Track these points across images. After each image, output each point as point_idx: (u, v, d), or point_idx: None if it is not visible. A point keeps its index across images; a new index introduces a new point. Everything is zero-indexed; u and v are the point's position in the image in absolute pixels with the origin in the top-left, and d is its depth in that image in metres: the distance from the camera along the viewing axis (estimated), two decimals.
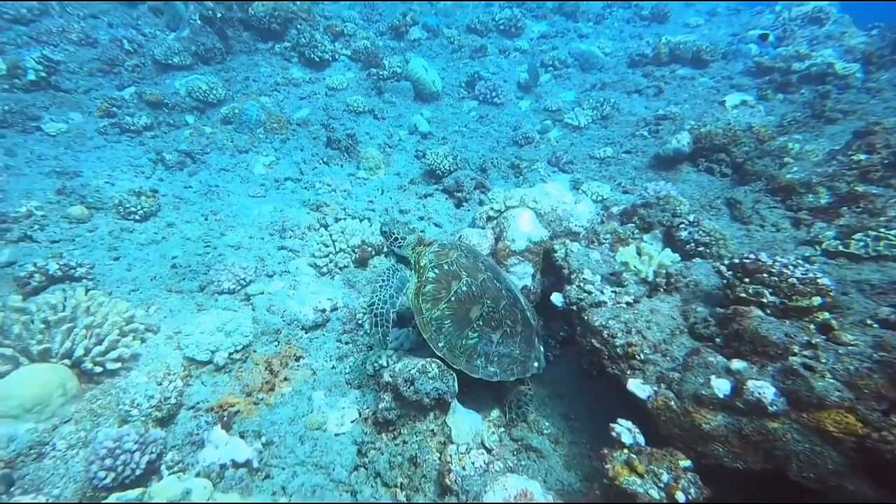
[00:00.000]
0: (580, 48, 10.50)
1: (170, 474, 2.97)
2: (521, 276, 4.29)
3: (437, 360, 3.36)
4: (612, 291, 3.53)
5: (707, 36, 10.74)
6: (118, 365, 3.46)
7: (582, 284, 3.62)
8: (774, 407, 2.30)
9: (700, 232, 4.37)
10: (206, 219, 5.73)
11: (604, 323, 3.16)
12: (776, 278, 2.74)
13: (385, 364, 3.84)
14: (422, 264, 3.55)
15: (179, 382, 3.46)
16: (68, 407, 3.23)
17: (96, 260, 4.74)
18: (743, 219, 4.85)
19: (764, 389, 2.33)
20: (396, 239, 3.70)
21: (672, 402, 2.63)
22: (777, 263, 2.78)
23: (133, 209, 5.43)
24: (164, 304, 4.38)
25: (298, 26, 9.30)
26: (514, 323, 3.37)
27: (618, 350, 3.02)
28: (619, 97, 8.75)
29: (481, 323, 3.30)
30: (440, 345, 3.29)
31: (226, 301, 4.51)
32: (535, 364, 3.41)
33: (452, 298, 3.34)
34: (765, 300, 2.75)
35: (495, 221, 4.59)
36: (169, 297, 4.48)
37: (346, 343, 4.25)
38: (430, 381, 3.20)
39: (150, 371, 3.43)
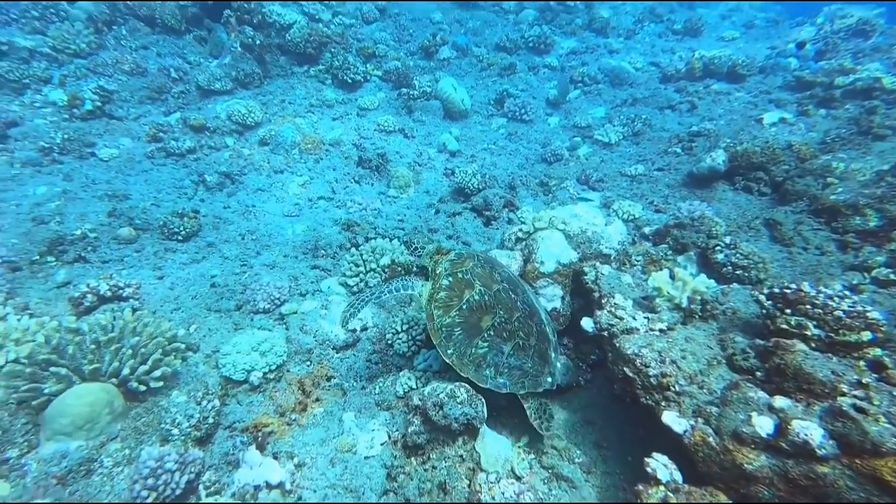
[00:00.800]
0: (610, 63, 10.43)
1: (207, 495, 3.07)
2: (551, 298, 4.25)
3: (466, 385, 3.35)
4: (645, 317, 3.45)
5: (743, 49, 10.48)
6: (161, 383, 3.61)
7: (613, 310, 3.55)
8: (823, 451, 2.18)
9: (738, 255, 4.24)
10: (243, 238, 5.95)
11: (636, 351, 3.07)
12: (820, 310, 2.62)
13: (414, 386, 3.88)
14: (437, 272, 3.62)
15: (217, 402, 3.58)
16: (115, 425, 3.39)
17: (142, 279, 4.99)
18: (784, 240, 4.67)
19: (811, 431, 2.22)
20: (416, 248, 3.91)
21: (710, 439, 2.53)
22: (821, 295, 2.66)
23: (176, 230, 5.70)
24: (204, 322, 4.56)
25: (332, 49, 9.62)
26: (528, 336, 3.34)
27: (651, 380, 2.94)
28: (651, 113, 8.62)
29: (492, 333, 3.30)
30: (449, 352, 3.31)
31: (261, 320, 4.65)
32: (549, 379, 3.36)
33: (464, 306, 3.38)
34: (809, 333, 2.63)
35: (524, 243, 4.58)
36: (208, 315, 4.66)
37: (377, 363, 4.30)
38: (459, 406, 3.19)
39: (190, 391, 3.56)
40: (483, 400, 3.31)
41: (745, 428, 2.42)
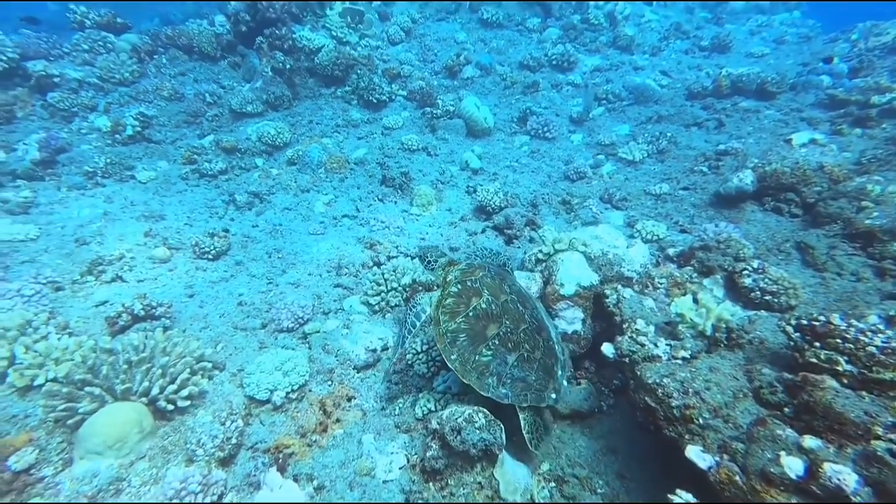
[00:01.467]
0: (635, 81, 10.36)
1: None
2: (571, 321, 4.22)
3: (485, 410, 3.34)
4: (667, 344, 3.39)
5: (773, 66, 10.25)
6: (188, 402, 3.73)
7: (634, 336, 3.50)
8: (858, 498, 2.08)
9: (766, 279, 4.11)
10: (270, 256, 6.12)
11: (658, 381, 3.01)
12: (852, 345, 2.51)
13: (433, 408, 3.89)
14: (447, 280, 3.72)
15: (241, 422, 3.67)
16: (144, 444, 3.50)
17: (174, 298, 5.19)
18: (817, 265, 4.50)
19: (844, 475, 2.11)
20: (429, 262, 4.00)
21: (737, 477, 2.44)
22: (852, 329, 2.55)
23: (207, 249, 5.93)
24: (230, 341, 4.70)
25: (358, 71, 9.90)
26: (533, 349, 3.33)
27: (674, 412, 2.86)
28: (677, 130, 8.50)
29: (497, 342, 3.30)
30: (452, 357, 3.33)
31: (285, 339, 4.76)
32: (553, 396, 3.32)
33: (470, 314, 3.41)
34: (840, 369, 2.53)
35: (544, 265, 4.57)
36: (235, 334, 4.80)
37: (397, 384, 4.32)
38: (477, 432, 3.18)
39: (215, 410, 3.67)
40: (502, 426, 3.28)
41: (773, 468, 2.33)
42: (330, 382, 4.33)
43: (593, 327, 4.28)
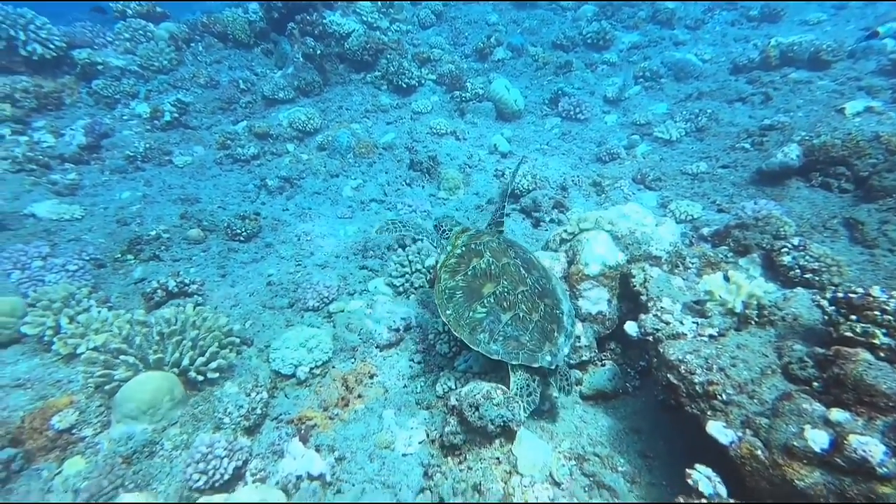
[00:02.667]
0: (675, 56, 9.84)
1: (253, 481, 3.25)
2: (596, 301, 4.09)
3: (503, 387, 3.32)
4: (694, 322, 3.26)
5: (830, 33, 9.48)
6: (217, 374, 3.88)
7: (659, 313, 3.38)
8: (885, 469, 1.94)
9: (807, 257, 3.85)
10: (299, 239, 6.25)
11: (681, 357, 2.90)
12: (891, 317, 2.31)
13: (453, 386, 3.89)
14: (455, 244, 3.86)
15: (265, 394, 3.78)
16: (175, 411, 3.66)
17: (207, 277, 5.40)
18: (866, 241, 4.16)
19: (870, 447, 1.97)
20: (444, 230, 4.16)
21: (759, 452, 2.32)
22: (893, 301, 2.34)
23: (239, 231, 6.11)
24: (259, 318, 4.84)
25: (388, 56, 9.88)
26: (530, 311, 3.34)
27: (696, 388, 2.75)
28: (719, 107, 8.04)
29: (492, 300, 3.36)
30: (448, 312, 3.43)
31: (310, 318, 4.85)
32: (548, 359, 3.26)
33: (469, 272, 3.53)
34: (877, 342, 2.34)
35: (568, 244, 4.43)
36: (263, 312, 4.93)
37: (419, 363, 4.34)
38: (496, 408, 3.17)
39: (241, 382, 3.80)
40: (520, 403, 3.25)
41: (796, 441, 2.20)
42: (353, 360, 4.40)
43: (619, 308, 4.15)
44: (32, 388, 3.97)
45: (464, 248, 3.72)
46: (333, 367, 4.29)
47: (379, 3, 11.16)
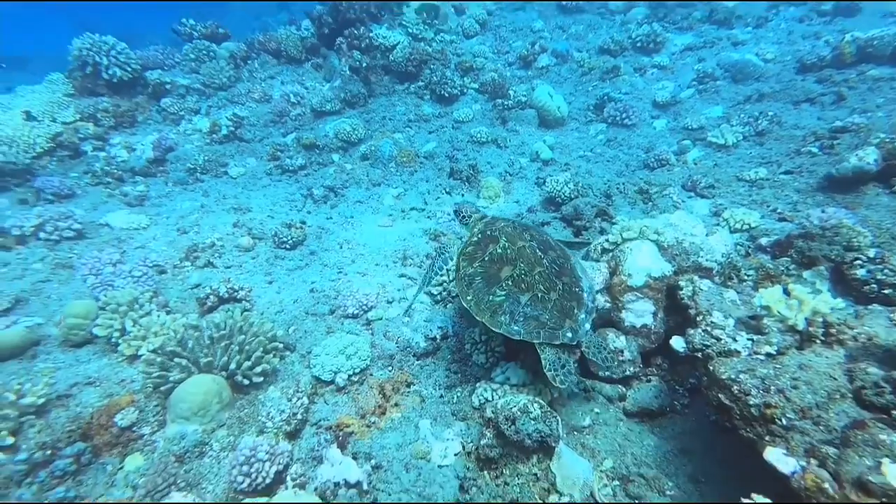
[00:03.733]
0: (732, 58, 9.32)
1: (293, 486, 3.33)
2: (640, 313, 3.94)
3: (541, 401, 3.28)
4: (749, 339, 3.06)
5: None
6: (261, 379, 4.02)
7: (709, 328, 3.21)
8: None
9: (886, 271, 3.51)
10: (341, 247, 6.41)
11: (733, 376, 2.73)
12: None
13: (490, 398, 3.85)
14: (473, 231, 3.98)
15: (306, 400, 3.89)
16: (223, 413, 3.83)
17: (255, 283, 5.64)
18: None
19: None
20: (463, 217, 4.26)
21: (826, 485, 2.11)
22: None
23: (285, 239, 6.35)
24: (302, 325, 4.99)
25: (431, 66, 10.02)
26: (548, 290, 3.41)
27: (752, 410, 2.57)
28: (782, 109, 7.52)
29: (510, 283, 3.45)
30: (468, 298, 3.54)
31: (350, 325, 4.95)
32: (569, 335, 3.31)
33: (486, 258, 3.65)
34: None
35: (610, 255, 4.29)
36: (306, 318, 5.08)
37: (455, 373, 4.32)
38: (532, 423, 3.14)
39: (284, 387, 3.92)
40: (559, 418, 3.19)
41: (873, 476, 1.99)
42: (390, 368, 4.43)
43: (666, 321, 3.97)
44: (101, 385, 4.28)
45: (480, 235, 3.85)
46: (371, 374, 4.35)
47: (424, 14, 11.36)
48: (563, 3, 12.42)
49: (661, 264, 3.93)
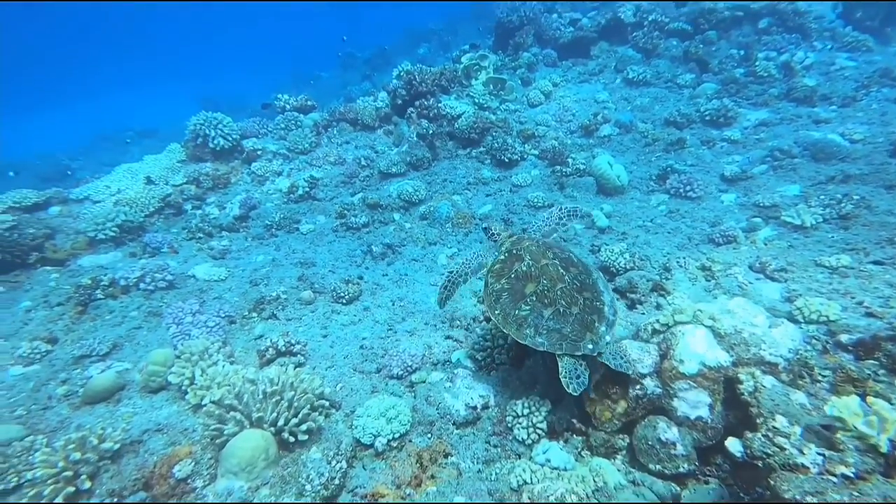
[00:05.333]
0: (812, 136, 8.88)
1: None
2: (694, 404, 3.71)
3: (578, 492, 3.20)
4: (819, 454, 2.75)
5: None
6: (306, 437, 4.10)
7: (771, 434, 2.96)
8: None
9: None
10: (393, 304, 6.63)
11: (800, 499, 2.46)
12: None
13: (529, 479, 3.73)
14: (501, 250, 4.31)
15: (345, 464, 3.92)
16: (268, 470, 3.88)
17: (311, 337, 5.95)
18: None
19: None
20: (493, 234, 4.65)
21: None
22: None
23: (342, 294, 6.70)
24: (349, 382, 5.14)
25: (493, 133, 10.52)
26: (570, 305, 3.71)
27: None
28: (872, 192, 6.98)
29: (534, 298, 3.78)
30: (496, 312, 3.94)
31: (394, 385, 5.03)
32: (590, 346, 3.62)
33: (512, 276, 3.99)
34: None
35: (661, 336, 4.11)
36: (353, 375, 5.25)
37: (495, 447, 4.23)
38: None
39: (325, 448, 4.00)
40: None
41: None
42: (429, 435, 4.41)
43: (725, 416, 3.68)
44: (168, 433, 4.60)
45: (507, 254, 4.18)
46: (410, 440, 4.35)
47: (491, 86, 12.09)
48: (630, 76, 12.67)
49: (717, 353, 3.71)
